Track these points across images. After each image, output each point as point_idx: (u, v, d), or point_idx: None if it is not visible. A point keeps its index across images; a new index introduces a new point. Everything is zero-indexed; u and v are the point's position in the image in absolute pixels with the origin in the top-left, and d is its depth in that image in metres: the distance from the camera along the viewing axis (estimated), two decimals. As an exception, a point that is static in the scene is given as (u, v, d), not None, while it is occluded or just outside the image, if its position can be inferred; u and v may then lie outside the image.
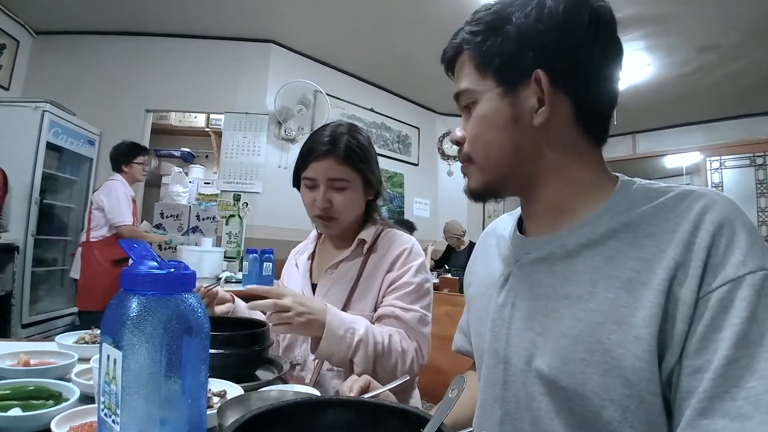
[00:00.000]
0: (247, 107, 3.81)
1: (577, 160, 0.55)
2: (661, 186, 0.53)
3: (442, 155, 5.50)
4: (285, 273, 1.20)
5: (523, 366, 0.55)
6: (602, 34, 0.52)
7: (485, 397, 0.62)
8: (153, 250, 0.41)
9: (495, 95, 0.54)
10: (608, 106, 0.55)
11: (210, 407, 0.60)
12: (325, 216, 1.01)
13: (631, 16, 3.12)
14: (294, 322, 0.83)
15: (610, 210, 0.52)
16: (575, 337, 0.50)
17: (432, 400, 1.29)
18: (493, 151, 0.56)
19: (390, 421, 0.43)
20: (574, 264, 0.53)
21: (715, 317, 0.42)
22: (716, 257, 0.44)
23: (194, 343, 0.38)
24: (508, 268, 0.61)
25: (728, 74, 3.96)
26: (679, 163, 6.27)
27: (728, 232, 0.45)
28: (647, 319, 0.45)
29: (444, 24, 3.40)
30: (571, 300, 0.51)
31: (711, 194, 0.48)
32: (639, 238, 0.49)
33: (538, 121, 0.52)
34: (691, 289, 0.44)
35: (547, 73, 0.51)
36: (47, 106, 3.13)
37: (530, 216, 0.61)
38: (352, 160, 1.00)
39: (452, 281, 3.50)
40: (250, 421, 0.39)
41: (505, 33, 0.53)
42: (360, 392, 0.67)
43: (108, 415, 0.36)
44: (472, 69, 0.56)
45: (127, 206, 2.77)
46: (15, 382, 0.63)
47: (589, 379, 0.48)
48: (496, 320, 0.60)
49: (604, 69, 0.53)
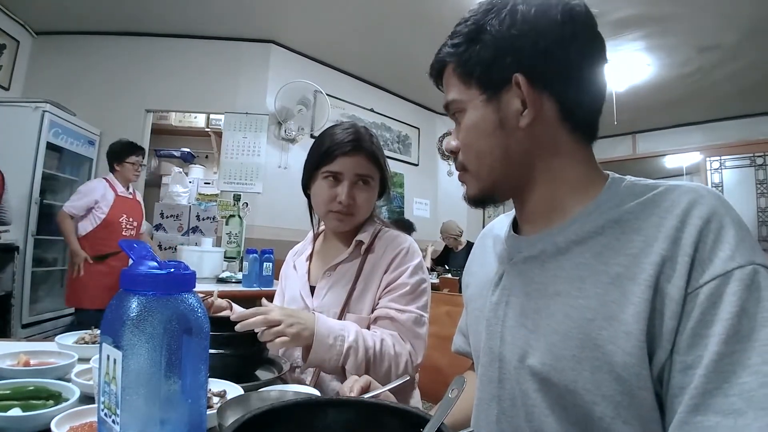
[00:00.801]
0: (247, 107, 3.81)
1: (567, 158, 0.56)
2: (649, 182, 0.53)
3: (442, 155, 5.50)
4: (283, 275, 1.20)
5: (517, 363, 0.55)
6: (578, 31, 0.53)
7: (482, 395, 0.62)
8: (152, 250, 0.41)
9: (480, 103, 0.56)
10: (594, 102, 0.56)
11: (210, 407, 0.60)
12: (345, 212, 1.02)
13: (631, 16, 3.13)
14: (287, 334, 0.83)
15: (599, 207, 0.53)
16: (566, 333, 0.50)
17: (432, 400, 1.29)
18: (485, 158, 0.57)
19: (390, 421, 0.43)
20: (564, 261, 0.53)
21: (705, 313, 0.42)
22: (704, 252, 0.44)
23: (194, 343, 0.38)
24: (502, 267, 0.62)
25: (728, 74, 3.96)
26: (679, 164, 6.27)
27: (716, 226, 0.44)
28: (635, 315, 0.45)
29: (444, 24, 3.38)
30: (561, 296, 0.52)
31: (698, 189, 0.48)
32: (627, 233, 0.49)
33: (523, 123, 0.53)
34: (678, 285, 0.44)
35: (526, 76, 0.52)
36: (47, 106, 3.14)
37: (523, 216, 0.61)
38: (378, 158, 1.04)
39: (452, 281, 3.50)
40: (250, 421, 0.39)
41: (483, 42, 0.54)
42: (360, 392, 0.67)
43: (108, 415, 0.36)
44: (457, 80, 0.58)
45: (86, 201, 2.73)
46: (15, 382, 0.63)
47: (581, 376, 0.48)
48: (490, 319, 0.61)
49: (585, 65, 0.54)
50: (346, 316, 0.99)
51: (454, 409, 0.45)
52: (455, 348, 0.81)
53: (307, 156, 1.08)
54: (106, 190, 2.81)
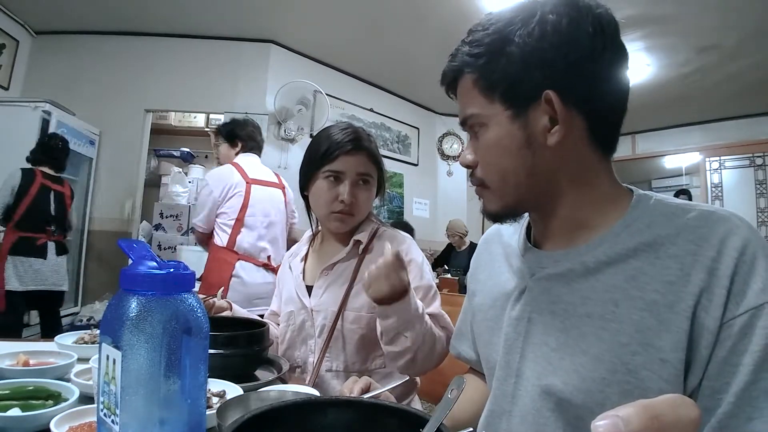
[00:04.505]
0: (247, 107, 3.80)
1: (592, 175, 0.55)
2: (678, 203, 0.53)
3: (441, 155, 5.50)
4: (279, 277, 1.20)
5: (535, 381, 0.55)
6: (607, 42, 0.51)
7: (493, 408, 0.61)
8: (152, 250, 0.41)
9: (505, 119, 0.53)
10: (619, 116, 0.54)
11: (209, 407, 0.60)
12: (347, 211, 1.02)
13: (631, 16, 3.12)
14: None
15: (628, 227, 0.52)
16: (597, 356, 0.50)
17: (432, 401, 1.29)
18: (509, 177, 0.55)
19: (390, 421, 0.43)
20: (594, 282, 0.52)
21: (737, 344, 0.44)
22: (738, 284, 0.45)
23: (193, 344, 0.38)
24: (522, 282, 0.60)
25: (728, 74, 3.96)
26: (678, 164, 6.28)
27: (750, 258, 0.45)
28: (674, 344, 0.46)
29: (444, 24, 3.40)
30: (593, 319, 0.51)
31: (732, 218, 0.49)
32: (661, 258, 0.49)
33: (552, 140, 0.51)
34: (715, 316, 0.45)
35: (557, 92, 0.50)
36: (47, 106, 3.13)
37: (544, 230, 0.60)
38: (377, 158, 1.05)
39: (452, 281, 3.50)
40: (250, 422, 0.39)
41: (509, 54, 0.51)
42: (360, 393, 0.67)
43: (107, 415, 0.36)
44: (477, 93, 0.54)
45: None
46: (14, 382, 0.63)
47: (608, 399, 0.48)
48: (509, 333, 0.60)
49: (613, 77, 0.52)
50: (344, 314, 0.99)
51: (454, 409, 0.45)
52: (456, 353, 0.79)
53: (303, 157, 1.07)
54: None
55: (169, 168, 4.54)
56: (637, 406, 0.22)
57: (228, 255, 2.02)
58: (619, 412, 0.22)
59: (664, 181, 7.03)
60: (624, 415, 0.22)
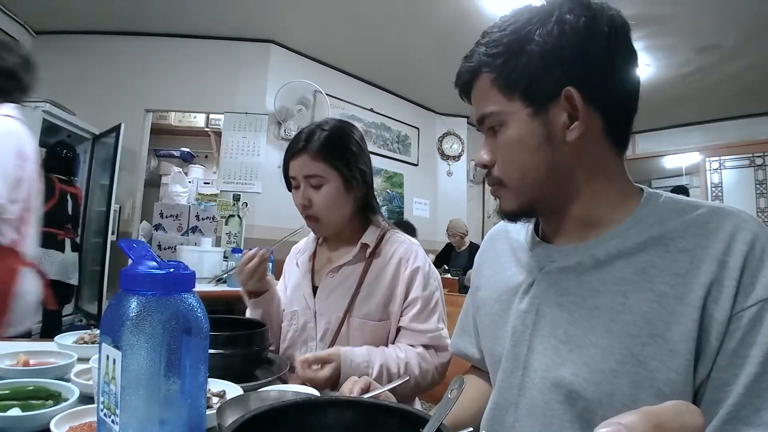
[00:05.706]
0: (247, 107, 3.81)
1: (607, 172, 0.56)
2: (689, 200, 0.54)
3: (441, 155, 5.49)
4: (285, 271, 1.18)
5: (544, 373, 0.55)
6: (621, 42, 0.53)
7: (498, 401, 0.62)
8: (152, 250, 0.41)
9: (525, 116, 0.54)
10: (632, 113, 0.56)
11: (209, 407, 0.60)
12: (307, 216, 1.01)
13: (631, 16, 3.04)
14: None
15: (639, 222, 0.53)
16: (606, 347, 0.50)
17: (432, 401, 1.29)
18: (530, 173, 0.55)
19: (389, 421, 0.43)
20: (604, 274, 0.53)
21: (746, 335, 0.44)
22: (748, 277, 0.45)
23: (193, 343, 0.38)
24: (531, 275, 0.61)
25: (728, 74, 3.96)
26: (678, 164, 6.28)
27: (759, 252, 0.46)
28: (683, 335, 0.46)
29: (444, 24, 3.40)
30: (603, 311, 0.52)
31: (741, 213, 0.50)
32: (671, 251, 0.50)
33: (571, 137, 0.52)
34: (725, 308, 0.45)
35: (577, 89, 0.51)
36: (47, 106, 3.13)
37: (555, 226, 0.61)
38: (326, 155, 0.96)
39: (452, 281, 3.51)
40: (250, 421, 0.39)
41: (529, 53, 0.52)
42: (360, 393, 0.67)
43: (107, 415, 0.36)
44: (496, 92, 0.55)
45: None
46: (14, 382, 0.63)
47: (618, 390, 0.49)
48: (517, 326, 0.60)
49: (627, 76, 0.54)
50: (349, 320, 0.98)
51: (454, 409, 0.45)
52: (456, 349, 0.80)
53: None
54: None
55: (169, 168, 4.54)
56: (640, 413, 0.22)
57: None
58: (622, 419, 0.22)
59: (664, 181, 7.03)
60: (627, 423, 0.22)
